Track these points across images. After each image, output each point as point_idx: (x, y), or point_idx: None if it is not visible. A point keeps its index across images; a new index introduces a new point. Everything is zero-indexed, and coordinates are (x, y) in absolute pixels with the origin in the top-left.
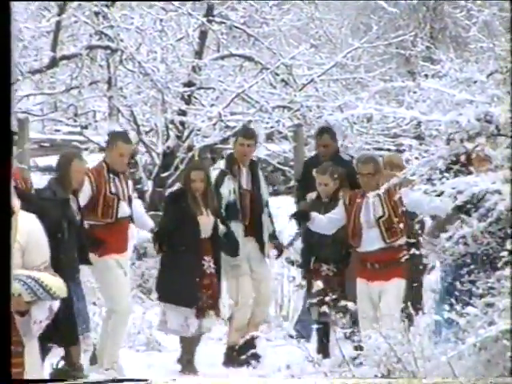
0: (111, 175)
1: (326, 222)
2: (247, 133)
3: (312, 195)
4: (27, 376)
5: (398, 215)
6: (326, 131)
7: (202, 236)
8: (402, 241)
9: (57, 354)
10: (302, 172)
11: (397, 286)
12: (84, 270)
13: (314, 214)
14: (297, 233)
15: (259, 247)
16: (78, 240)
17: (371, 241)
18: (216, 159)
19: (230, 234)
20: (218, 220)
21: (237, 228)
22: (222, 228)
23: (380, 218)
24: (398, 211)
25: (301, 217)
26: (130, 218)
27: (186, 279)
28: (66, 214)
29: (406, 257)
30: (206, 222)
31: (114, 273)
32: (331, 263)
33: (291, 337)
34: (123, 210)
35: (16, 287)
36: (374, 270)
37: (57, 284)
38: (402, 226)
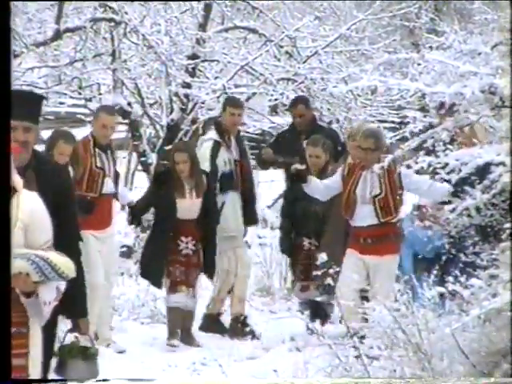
0: (97, 150)
1: (321, 188)
2: (236, 102)
3: (300, 167)
4: (29, 359)
5: (394, 195)
6: (299, 101)
7: (181, 217)
8: (395, 219)
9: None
10: (272, 142)
11: (390, 262)
12: None
13: (311, 177)
14: (280, 194)
15: (251, 218)
16: None
17: (364, 216)
18: None
19: None
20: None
21: (234, 197)
22: None
23: (376, 196)
24: (395, 191)
25: (299, 177)
26: (114, 195)
27: (156, 258)
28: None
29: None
30: (189, 204)
31: (87, 248)
32: (313, 237)
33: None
34: (108, 185)
35: (24, 266)
36: (367, 245)
37: (66, 264)
38: (397, 205)
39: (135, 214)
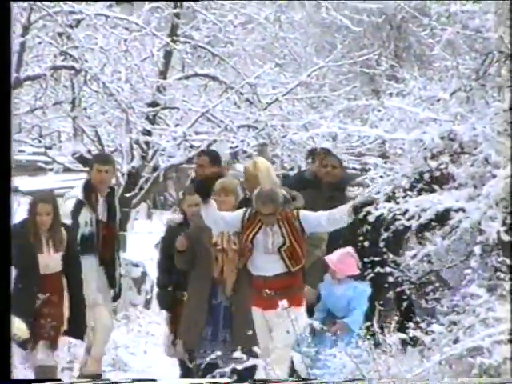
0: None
1: (218, 217)
2: (103, 158)
3: (176, 218)
4: None
5: (299, 241)
6: (204, 154)
7: (42, 272)
8: (300, 266)
9: None
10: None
11: (295, 314)
12: None
13: (212, 201)
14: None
15: (108, 282)
16: None
17: (269, 266)
18: (181, 179)
19: None
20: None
21: (91, 262)
22: None
23: (281, 247)
24: (298, 237)
25: (202, 192)
26: None
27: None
28: None
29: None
30: (47, 259)
31: None
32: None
33: None
34: None
35: None
36: (270, 297)
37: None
38: (304, 251)
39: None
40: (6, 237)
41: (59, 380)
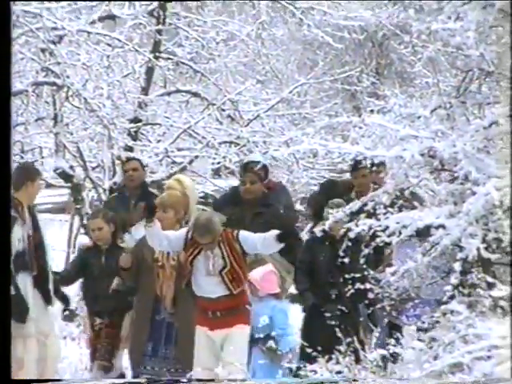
0: None
1: (162, 236)
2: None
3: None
4: None
5: (240, 263)
6: (132, 159)
7: None
8: (244, 286)
9: None
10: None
11: (240, 333)
12: None
13: (156, 220)
14: None
15: (44, 300)
16: None
17: (211, 288)
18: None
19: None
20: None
21: (25, 280)
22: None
23: (222, 269)
24: (238, 258)
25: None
26: None
27: None
28: None
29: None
30: None
31: None
32: (105, 316)
33: None
34: None
35: None
36: (216, 318)
37: None
38: (245, 272)
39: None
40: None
41: (60, 380)
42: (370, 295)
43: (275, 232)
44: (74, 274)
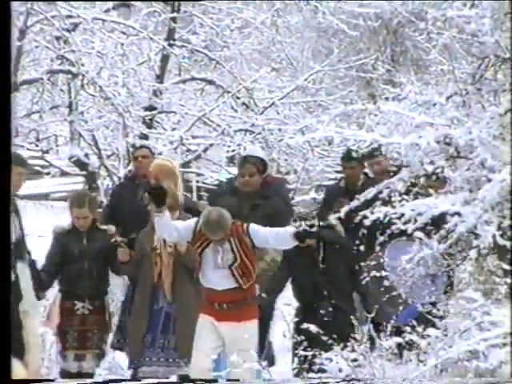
0: None
1: (172, 227)
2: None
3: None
4: None
5: (250, 257)
6: (142, 147)
7: None
8: (251, 282)
9: None
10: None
11: (248, 328)
12: None
13: (166, 210)
14: None
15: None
16: None
17: (220, 281)
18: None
19: None
20: None
21: (24, 270)
22: None
23: (232, 264)
24: (249, 252)
25: (156, 201)
26: None
27: None
28: None
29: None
30: None
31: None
32: (86, 300)
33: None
34: None
35: None
36: (223, 310)
37: None
38: (255, 266)
39: None
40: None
41: (60, 380)
42: (386, 283)
43: (292, 229)
44: (57, 263)
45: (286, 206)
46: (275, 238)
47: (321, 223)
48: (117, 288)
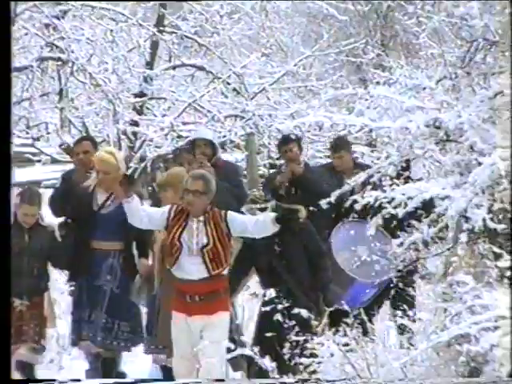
0: None
1: (142, 213)
2: None
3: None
4: None
5: (223, 243)
6: (84, 139)
7: None
8: (225, 271)
9: None
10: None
11: (220, 321)
12: None
13: (134, 195)
14: None
15: None
16: None
17: (192, 269)
18: (169, 169)
19: None
20: None
21: None
22: None
23: (204, 246)
24: (223, 239)
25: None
26: None
27: None
28: None
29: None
30: None
31: None
32: (24, 297)
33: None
34: None
35: None
36: (194, 303)
37: None
38: (227, 254)
39: None
40: (6, 234)
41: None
42: (377, 267)
43: (271, 214)
44: None
45: (237, 190)
46: (255, 225)
47: (283, 207)
48: None
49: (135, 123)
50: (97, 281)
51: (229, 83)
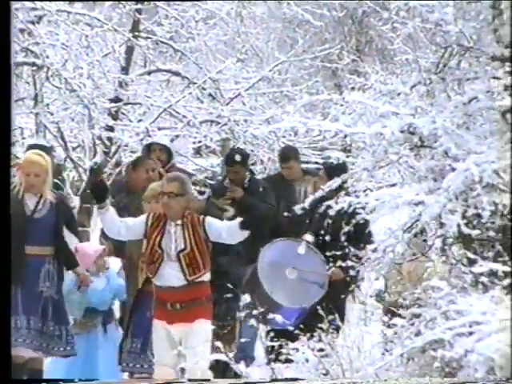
0: None
1: (118, 224)
2: None
3: None
4: None
5: (201, 248)
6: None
7: None
8: (205, 277)
9: None
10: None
11: (202, 329)
12: None
13: (109, 206)
14: None
15: None
16: None
17: (171, 276)
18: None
19: None
20: None
21: None
22: None
23: (182, 251)
24: (201, 244)
25: (97, 196)
26: None
27: None
28: None
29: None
30: None
31: None
32: None
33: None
34: None
35: None
36: (175, 311)
37: None
38: (205, 260)
39: None
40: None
41: (60, 380)
42: (352, 273)
43: (237, 221)
44: None
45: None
46: (227, 231)
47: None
48: None
49: (110, 128)
50: (36, 287)
51: (204, 88)
